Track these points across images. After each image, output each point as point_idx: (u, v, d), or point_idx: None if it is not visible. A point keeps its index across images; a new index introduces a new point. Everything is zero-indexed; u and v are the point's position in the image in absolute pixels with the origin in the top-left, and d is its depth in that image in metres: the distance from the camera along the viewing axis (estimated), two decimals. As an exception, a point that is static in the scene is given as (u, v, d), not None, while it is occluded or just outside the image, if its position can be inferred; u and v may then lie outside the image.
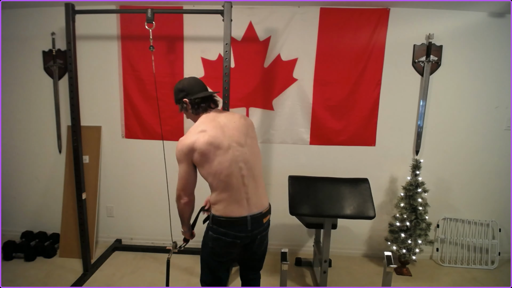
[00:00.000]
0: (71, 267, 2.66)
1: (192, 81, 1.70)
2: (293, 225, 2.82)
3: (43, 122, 2.94)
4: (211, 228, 1.58)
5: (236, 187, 1.54)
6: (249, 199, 1.57)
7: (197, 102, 1.63)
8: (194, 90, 1.66)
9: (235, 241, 1.56)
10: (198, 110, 1.64)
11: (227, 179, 1.53)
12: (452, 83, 2.70)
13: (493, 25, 2.59)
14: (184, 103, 1.66)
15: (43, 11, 2.75)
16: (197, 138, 1.51)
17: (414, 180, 2.60)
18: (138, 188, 2.98)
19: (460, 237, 2.88)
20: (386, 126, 2.79)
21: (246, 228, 1.56)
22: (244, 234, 1.56)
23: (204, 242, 1.65)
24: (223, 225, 1.55)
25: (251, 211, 1.56)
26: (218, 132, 1.55)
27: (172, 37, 2.73)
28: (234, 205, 1.54)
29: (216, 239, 1.57)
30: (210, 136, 1.52)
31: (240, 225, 1.54)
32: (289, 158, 2.87)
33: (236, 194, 1.54)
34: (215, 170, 1.52)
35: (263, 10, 2.65)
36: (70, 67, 2.31)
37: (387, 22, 2.62)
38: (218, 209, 1.55)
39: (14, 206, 3.09)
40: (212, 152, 1.51)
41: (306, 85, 2.74)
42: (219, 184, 1.53)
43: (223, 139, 1.54)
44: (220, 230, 1.55)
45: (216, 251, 1.61)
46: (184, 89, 1.65)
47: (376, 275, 2.66)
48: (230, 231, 1.54)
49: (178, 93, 1.68)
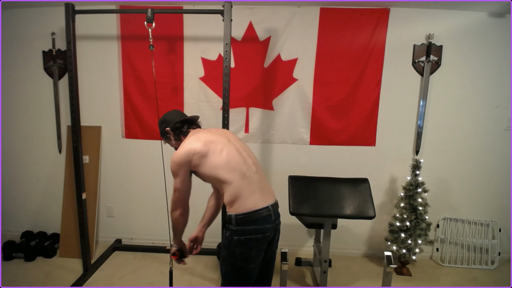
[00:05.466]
0: (71, 267, 2.66)
1: (172, 112, 1.77)
2: (293, 225, 2.82)
3: (43, 122, 2.94)
4: (236, 231, 1.46)
5: (249, 175, 1.51)
6: (262, 188, 1.54)
7: (177, 126, 1.68)
8: (174, 119, 1.70)
9: (265, 235, 1.48)
10: (180, 135, 1.68)
11: (239, 166, 1.49)
12: (452, 83, 2.70)
13: (493, 25, 2.59)
14: (167, 133, 1.70)
15: (43, 11, 2.75)
16: (193, 144, 1.54)
17: (414, 180, 2.60)
18: (138, 188, 2.97)
19: (460, 237, 2.88)
20: (386, 126, 2.79)
21: (271, 219, 1.50)
22: (271, 226, 1.50)
23: (229, 253, 1.51)
24: (250, 222, 1.45)
25: (269, 201, 1.53)
26: (211, 135, 1.59)
27: (172, 37, 2.73)
28: (253, 196, 1.48)
29: (245, 242, 1.46)
30: (205, 139, 1.55)
31: (265, 216, 1.48)
32: (289, 158, 2.87)
33: (252, 184, 1.50)
34: (226, 160, 1.50)
35: (263, 10, 2.65)
36: (70, 67, 2.31)
37: (387, 22, 2.62)
38: (239, 206, 1.46)
39: (14, 206, 3.10)
40: (213, 147, 1.53)
41: (306, 85, 2.74)
42: (232, 175, 1.47)
43: (219, 138, 1.58)
44: (247, 229, 1.45)
45: (247, 256, 1.48)
46: (165, 120, 1.72)
47: (376, 275, 2.66)
48: (258, 225, 1.46)
49: (161, 125, 1.74)
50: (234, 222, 1.46)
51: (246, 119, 2.82)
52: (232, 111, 2.66)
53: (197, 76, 2.77)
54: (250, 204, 1.46)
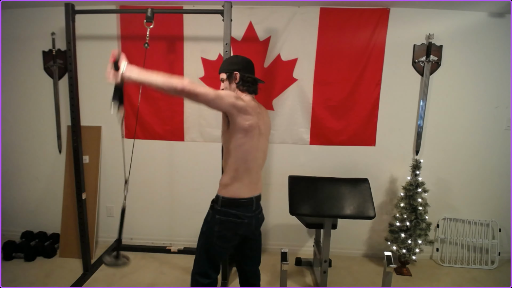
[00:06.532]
0: (71, 267, 2.66)
1: (248, 60, 1.73)
2: (293, 225, 2.82)
3: (43, 122, 2.93)
4: (219, 211, 1.60)
5: (254, 172, 1.64)
6: (257, 182, 1.68)
7: (249, 80, 1.67)
8: (247, 69, 1.69)
9: (243, 221, 1.62)
10: (243, 88, 1.67)
11: (253, 162, 1.61)
12: (452, 83, 2.70)
13: (493, 25, 2.59)
14: (233, 75, 1.67)
15: (43, 11, 2.75)
16: (254, 111, 1.56)
17: (414, 180, 2.60)
18: (138, 188, 2.97)
19: (460, 237, 2.88)
20: (386, 126, 2.79)
21: (252, 208, 1.65)
22: (250, 214, 1.65)
23: (208, 228, 1.65)
24: (233, 206, 1.60)
25: (255, 193, 1.67)
26: (261, 120, 1.65)
27: (172, 37, 2.73)
28: (246, 187, 1.62)
29: (225, 222, 1.60)
30: (258, 119, 1.61)
31: (248, 205, 1.63)
32: (289, 158, 2.87)
33: (251, 178, 1.63)
34: (254, 147, 1.59)
35: (263, 10, 2.65)
36: (70, 67, 2.31)
37: (387, 22, 2.62)
38: (230, 191, 1.60)
39: (14, 206, 3.09)
40: (257, 129, 1.58)
41: (306, 85, 2.74)
42: (243, 164, 1.58)
43: (262, 126, 1.65)
44: (229, 212, 1.60)
45: (223, 234, 1.62)
46: (239, 63, 1.69)
47: (376, 275, 2.66)
48: (240, 211, 1.61)
49: (232, 64, 1.69)
50: (220, 203, 1.61)
51: (246, 119, 2.82)
52: (232, 111, 2.67)
53: (197, 76, 2.77)
54: (239, 192, 1.60)
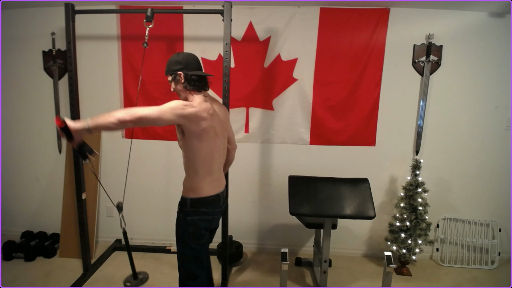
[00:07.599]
0: (71, 267, 2.66)
1: (190, 56, 1.68)
2: (293, 225, 2.82)
3: (43, 122, 2.93)
4: (190, 212, 1.63)
5: (216, 170, 1.70)
6: (219, 179, 1.75)
7: (193, 79, 1.63)
8: (191, 66, 1.65)
9: (214, 218, 1.72)
10: (191, 87, 1.64)
11: (210, 164, 1.64)
12: (452, 83, 2.69)
13: (493, 25, 2.59)
14: (178, 76, 1.63)
15: (43, 11, 2.75)
16: (204, 114, 1.54)
17: (414, 180, 2.60)
18: (138, 188, 2.97)
19: (460, 237, 2.88)
20: (386, 126, 2.79)
21: (219, 204, 1.73)
22: (219, 209, 1.74)
23: (183, 232, 1.66)
24: (202, 205, 1.64)
25: (220, 189, 1.74)
26: (216, 120, 1.65)
27: (172, 37, 2.73)
28: (210, 186, 1.67)
29: (197, 221, 1.64)
30: (213, 121, 1.61)
31: (216, 202, 1.70)
32: (289, 158, 2.87)
33: (213, 177, 1.68)
34: (212, 149, 1.62)
35: (263, 10, 2.65)
36: (70, 67, 2.31)
37: (387, 22, 2.62)
38: (195, 193, 1.63)
39: (14, 206, 3.09)
40: (212, 131, 1.59)
41: (306, 85, 2.74)
42: (204, 167, 1.62)
43: (217, 127, 1.65)
44: (200, 211, 1.64)
45: (198, 233, 1.66)
46: (181, 62, 1.63)
47: (376, 275, 2.66)
48: (209, 208, 1.67)
49: (174, 64, 1.64)
50: (189, 204, 1.63)
51: (246, 119, 2.82)
52: (232, 111, 2.67)
53: (197, 76, 2.77)
54: (205, 191, 1.65)
